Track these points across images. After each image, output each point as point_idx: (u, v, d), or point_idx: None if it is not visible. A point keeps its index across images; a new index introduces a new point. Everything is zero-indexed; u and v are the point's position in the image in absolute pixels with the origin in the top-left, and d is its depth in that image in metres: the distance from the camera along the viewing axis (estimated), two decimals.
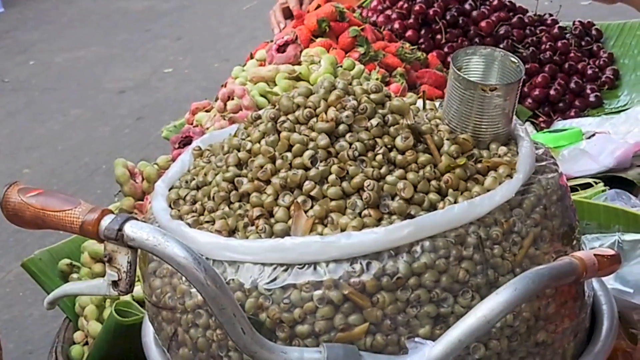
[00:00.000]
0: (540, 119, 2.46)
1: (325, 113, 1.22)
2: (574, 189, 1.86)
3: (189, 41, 6.55)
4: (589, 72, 2.59)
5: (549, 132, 2.22)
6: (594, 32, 2.75)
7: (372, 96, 1.24)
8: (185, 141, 1.87)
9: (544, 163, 1.25)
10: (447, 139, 1.22)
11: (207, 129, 1.86)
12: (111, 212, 1.08)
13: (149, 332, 1.29)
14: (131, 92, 5.71)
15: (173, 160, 1.81)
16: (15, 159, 4.86)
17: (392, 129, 1.21)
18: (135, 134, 5.04)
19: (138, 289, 1.43)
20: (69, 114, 5.45)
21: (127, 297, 1.54)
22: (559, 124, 2.34)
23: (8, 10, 7.61)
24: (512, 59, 1.26)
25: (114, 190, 1.95)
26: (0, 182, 4.35)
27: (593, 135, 2.13)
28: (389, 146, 1.19)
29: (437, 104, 1.35)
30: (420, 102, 1.34)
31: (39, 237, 3.60)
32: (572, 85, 2.54)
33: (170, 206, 1.26)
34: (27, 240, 3.86)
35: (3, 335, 1.73)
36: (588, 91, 2.53)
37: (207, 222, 1.20)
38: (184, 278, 1.15)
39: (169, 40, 6.64)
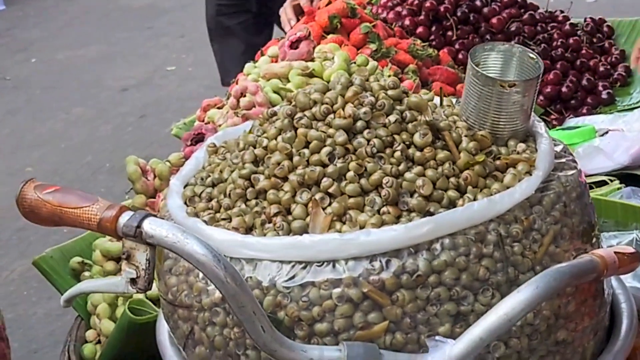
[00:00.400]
0: (552, 117, 2.45)
1: (343, 109, 1.20)
2: (589, 186, 1.85)
3: (191, 39, 6.53)
4: (601, 69, 2.58)
5: (562, 129, 2.21)
6: (605, 28, 2.74)
7: (390, 92, 1.23)
8: (198, 138, 1.85)
9: (563, 160, 1.24)
10: (466, 136, 1.20)
11: (220, 125, 1.84)
12: (129, 209, 1.07)
13: (163, 330, 1.28)
14: (133, 90, 5.70)
15: (186, 157, 1.80)
16: (17, 157, 4.85)
17: (410, 125, 1.19)
18: (138, 132, 5.03)
19: (152, 287, 1.42)
20: (71, 112, 5.44)
21: (141, 295, 1.53)
22: (571, 121, 2.34)
23: (9, 8, 7.60)
24: (531, 55, 1.24)
25: (117, 189, 1.95)
26: (2, 181, 4.36)
27: (606, 132, 2.11)
28: (407, 143, 1.18)
29: (453, 100, 1.33)
30: (437, 99, 1.33)
31: (43, 235, 3.59)
32: (584, 82, 2.53)
33: (185, 203, 1.25)
34: (31, 238, 3.85)
35: (7, 334, 1.71)
36: (600, 88, 2.52)
37: (223, 219, 1.19)
38: (200, 275, 1.14)
39: (171, 37, 6.62)
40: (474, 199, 1.14)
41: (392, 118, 1.19)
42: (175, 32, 6.71)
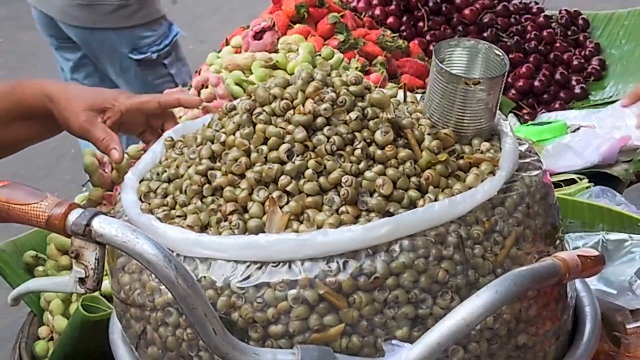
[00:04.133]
0: (524, 111, 2.43)
1: (303, 105, 1.18)
2: (557, 184, 1.83)
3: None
4: (575, 62, 2.56)
5: (533, 124, 2.19)
6: (580, 21, 2.72)
7: (352, 88, 1.20)
8: None
9: (527, 160, 1.22)
10: (428, 134, 1.18)
11: (180, 117, 1.81)
12: (79, 206, 1.04)
13: (116, 329, 1.25)
14: None
15: (144, 150, 1.77)
16: None
17: (371, 122, 1.17)
18: None
19: (106, 284, 1.39)
20: None
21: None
22: (544, 116, 2.32)
23: None
24: (497, 52, 1.22)
25: (82, 176, 1.89)
26: None
27: (578, 128, 2.10)
28: (368, 141, 1.16)
29: (418, 96, 1.31)
30: (400, 94, 1.30)
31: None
32: (557, 76, 2.51)
33: (140, 199, 1.22)
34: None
35: None
36: (573, 82, 2.50)
37: (178, 216, 1.16)
38: (153, 275, 1.11)
39: None
40: (435, 199, 1.12)
41: (353, 115, 1.17)
42: None
